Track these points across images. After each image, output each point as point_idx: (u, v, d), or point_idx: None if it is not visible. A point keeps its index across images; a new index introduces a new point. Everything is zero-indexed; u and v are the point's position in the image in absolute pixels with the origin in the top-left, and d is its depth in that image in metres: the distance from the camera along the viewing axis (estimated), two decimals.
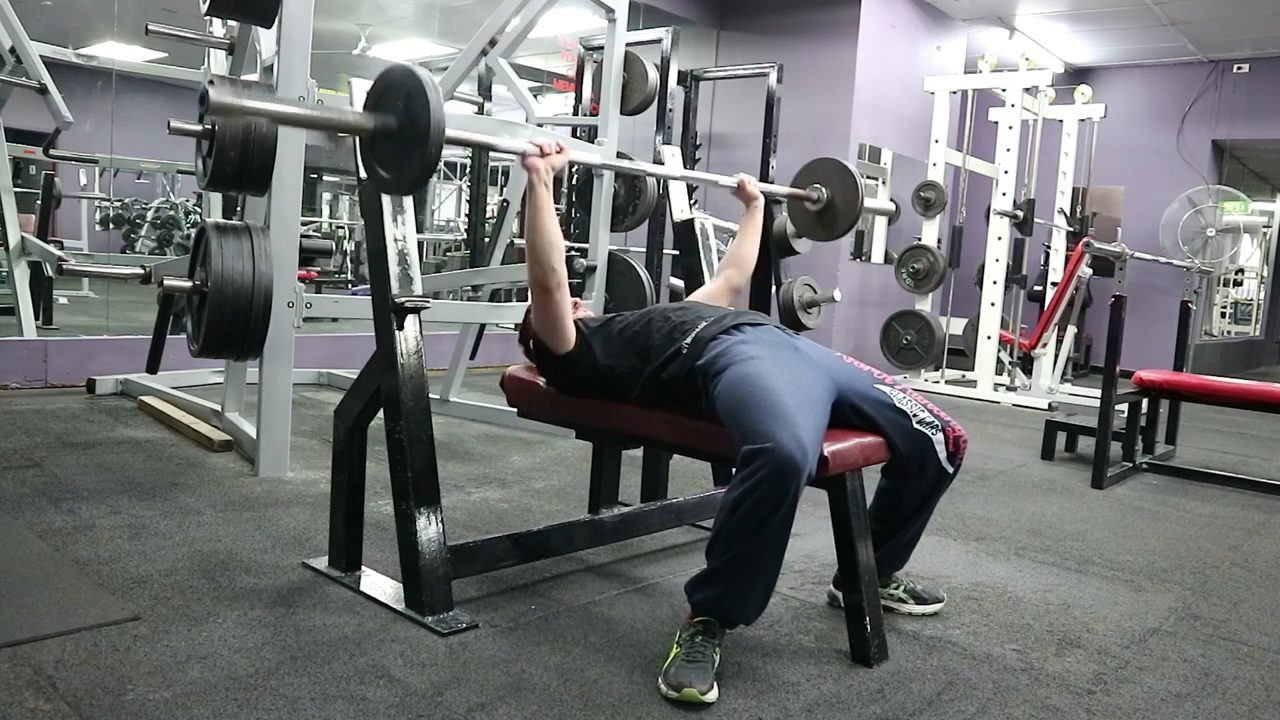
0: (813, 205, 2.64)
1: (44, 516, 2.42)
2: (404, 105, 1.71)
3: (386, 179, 1.79)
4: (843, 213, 2.61)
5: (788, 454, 1.62)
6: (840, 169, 2.62)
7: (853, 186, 2.58)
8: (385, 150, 1.78)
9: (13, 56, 4.38)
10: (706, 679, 1.65)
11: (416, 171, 1.71)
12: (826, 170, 2.64)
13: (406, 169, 1.73)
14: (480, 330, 4.36)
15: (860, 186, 2.58)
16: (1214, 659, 2.02)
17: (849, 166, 2.62)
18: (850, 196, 2.59)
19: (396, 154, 1.75)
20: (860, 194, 2.57)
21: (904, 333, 6.29)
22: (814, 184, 2.64)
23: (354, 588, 2.07)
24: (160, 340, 3.12)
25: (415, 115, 1.69)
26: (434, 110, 1.65)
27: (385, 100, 1.76)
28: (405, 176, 1.74)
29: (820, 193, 2.62)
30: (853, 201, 2.58)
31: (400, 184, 1.78)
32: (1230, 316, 12.45)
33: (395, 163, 1.76)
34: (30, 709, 1.48)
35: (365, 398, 2.10)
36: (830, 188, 2.62)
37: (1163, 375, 4.09)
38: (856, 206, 2.58)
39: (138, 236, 7.97)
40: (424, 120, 1.66)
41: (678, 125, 6.25)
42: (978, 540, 2.83)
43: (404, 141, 1.72)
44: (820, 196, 2.62)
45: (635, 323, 2.08)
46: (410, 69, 1.73)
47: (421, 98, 1.67)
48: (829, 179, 2.63)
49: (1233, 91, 8.49)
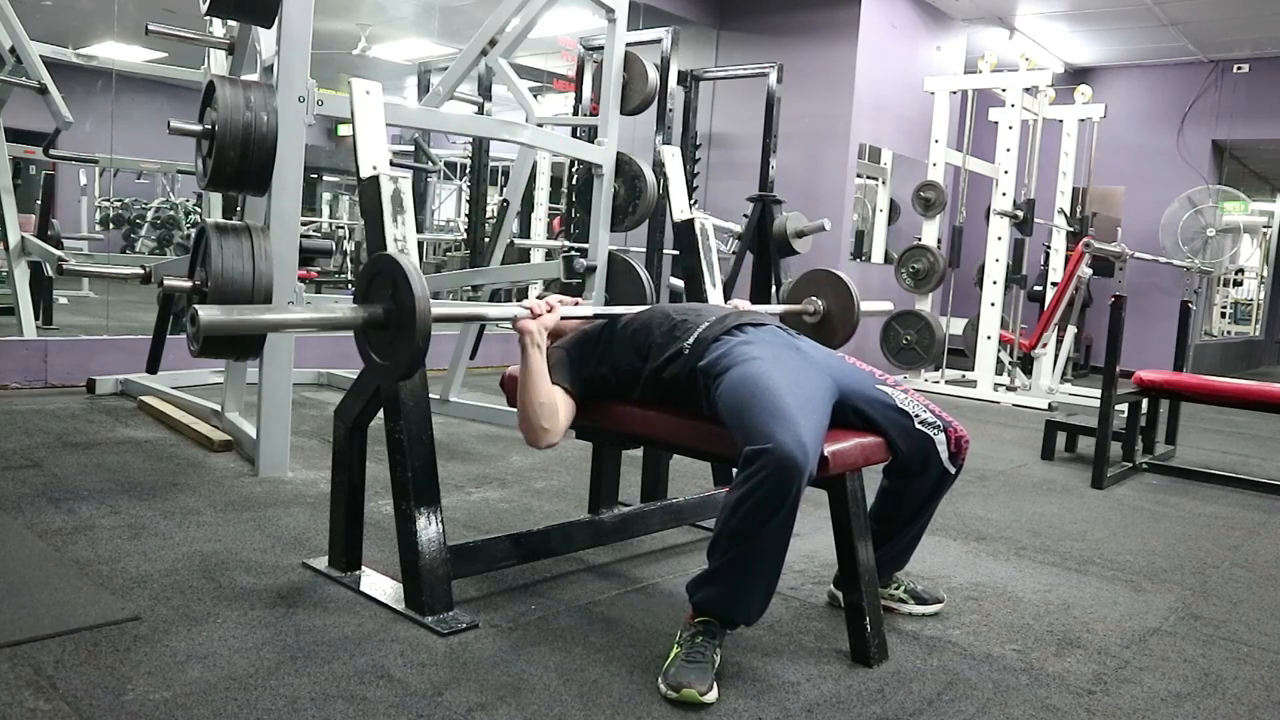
0: (810, 318, 2.69)
1: (44, 516, 2.42)
2: (389, 293, 1.74)
3: (385, 366, 1.81)
4: (840, 323, 2.67)
5: (789, 454, 1.62)
6: (834, 280, 2.68)
7: (847, 296, 2.64)
8: (378, 339, 1.81)
9: (13, 56, 4.38)
10: (706, 679, 1.65)
11: (408, 358, 1.73)
12: (821, 282, 2.70)
13: (400, 355, 1.75)
14: (480, 330, 4.36)
15: (855, 297, 2.63)
16: (1214, 659, 2.02)
17: (843, 277, 2.67)
18: (846, 306, 2.64)
19: (388, 341, 1.78)
20: (856, 304, 2.63)
21: (904, 333, 6.29)
22: (809, 297, 2.70)
23: (354, 588, 2.07)
24: (160, 340, 3.13)
25: (401, 302, 1.72)
26: (418, 294, 1.68)
27: (373, 289, 1.79)
28: (400, 363, 1.76)
29: (816, 305, 2.68)
30: (849, 311, 2.64)
31: (396, 372, 1.79)
32: (1230, 316, 12.45)
33: (389, 350, 1.78)
34: (30, 709, 1.48)
35: (365, 398, 2.10)
36: (826, 299, 2.68)
37: (1163, 375, 4.09)
38: (853, 317, 2.64)
39: (138, 236, 7.97)
40: (409, 305, 1.69)
41: (678, 125, 6.25)
42: (978, 540, 2.83)
43: (394, 329, 1.75)
44: (816, 309, 2.68)
45: (634, 322, 2.08)
46: (392, 257, 1.75)
47: (405, 284, 1.70)
48: (824, 291, 2.69)
49: (1233, 91, 8.49)
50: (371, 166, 2.10)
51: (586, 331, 2.13)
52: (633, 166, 3.86)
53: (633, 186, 4.29)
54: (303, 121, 2.79)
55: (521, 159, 4.63)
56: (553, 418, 1.95)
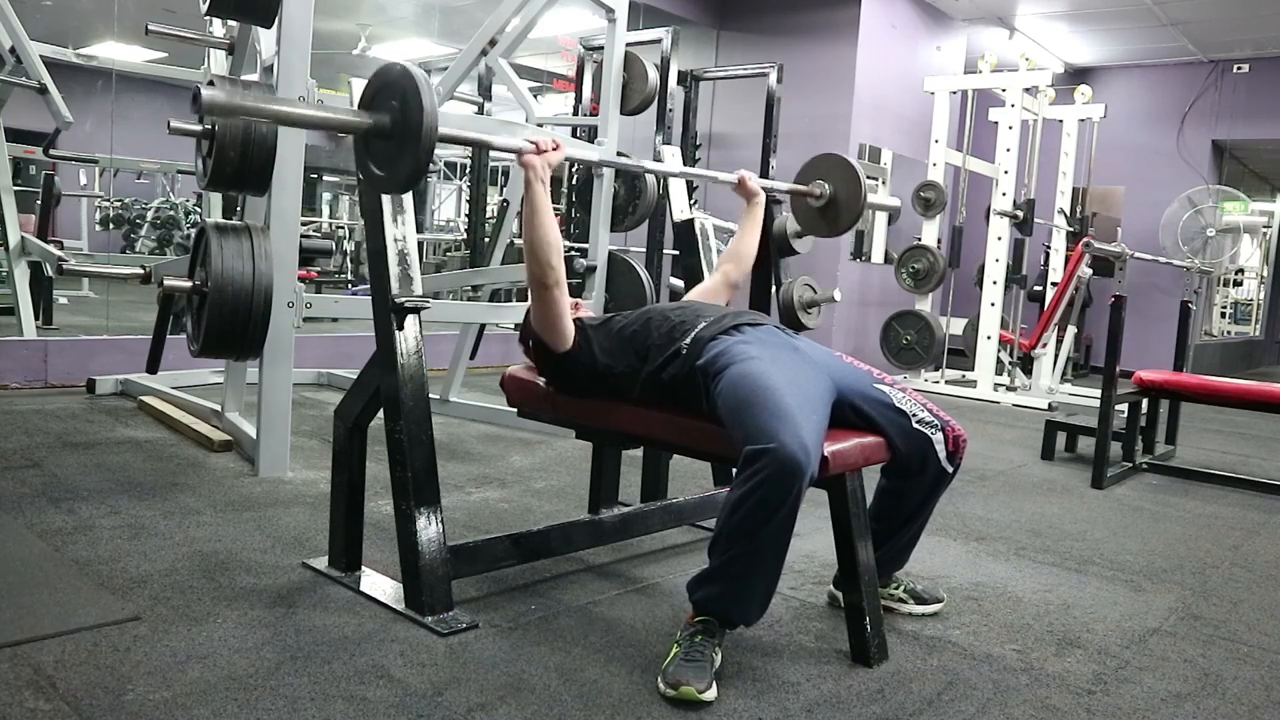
0: (815, 201, 2.63)
1: (44, 516, 2.42)
2: (398, 103, 1.71)
3: (381, 177, 1.79)
4: (846, 207, 2.60)
5: (790, 455, 1.62)
6: (843, 164, 2.62)
7: (855, 181, 2.57)
8: (379, 149, 1.78)
9: (13, 56, 4.38)
10: (704, 678, 1.65)
11: (409, 169, 1.70)
12: (829, 166, 2.64)
13: (400, 167, 1.73)
14: (480, 330, 4.36)
15: (863, 181, 2.57)
16: (1214, 659, 2.02)
17: (851, 161, 2.62)
18: (853, 191, 2.58)
19: (390, 152, 1.75)
20: (863, 188, 2.57)
21: (904, 333, 6.29)
22: (816, 180, 2.64)
23: (354, 588, 2.07)
24: (160, 340, 3.12)
25: (409, 113, 1.68)
26: (427, 108, 1.65)
27: (380, 99, 1.76)
28: (399, 174, 1.74)
29: (823, 188, 2.61)
30: (856, 196, 2.58)
31: (394, 182, 1.78)
32: (1230, 316, 12.45)
33: (389, 161, 1.76)
34: (30, 709, 1.48)
35: (365, 398, 2.10)
36: (833, 183, 2.61)
37: (1163, 375, 4.09)
38: (860, 201, 2.57)
39: (138, 236, 7.97)
40: (417, 118, 1.66)
41: (678, 125, 6.25)
42: (978, 540, 2.83)
43: (397, 140, 1.72)
44: (823, 192, 2.61)
45: (634, 322, 2.08)
46: (404, 67, 1.72)
47: (415, 96, 1.67)
48: (831, 174, 2.62)
49: (1233, 91, 8.49)
50: None
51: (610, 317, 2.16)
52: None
53: (633, 186, 4.29)
54: None
55: None
56: (559, 255, 1.95)
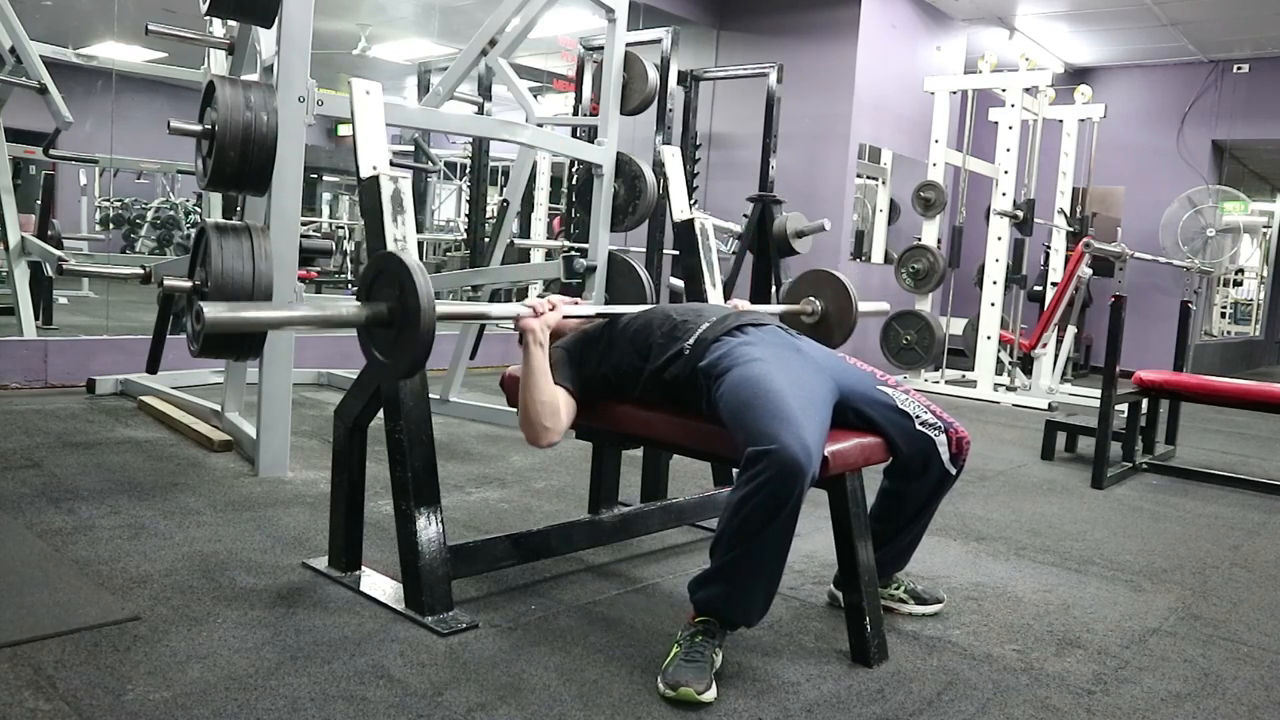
0: (807, 319, 2.69)
1: (44, 516, 2.42)
2: (394, 291, 1.73)
3: (386, 364, 1.80)
4: (837, 324, 2.67)
5: (792, 456, 1.62)
6: (833, 280, 2.68)
7: (846, 297, 2.64)
8: (381, 337, 1.80)
9: (13, 56, 4.38)
10: (704, 678, 1.65)
11: (411, 356, 1.72)
12: (819, 282, 2.70)
13: (402, 354, 1.74)
14: (480, 330, 4.36)
15: (854, 297, 2.63)
16: (1214, 659, 2.02)
17: (841, 278, 2.67)
18: (844, 307, 2.64)
19: (391, 339, 1.77)
20: (854, 305, 2.63)
21: (904, 333, 6.29)
22: (808, 297, 2.70)
23: (354, 588, 2.07)
24: (160, 340, 3.12)
25: (406, 302, 1.71)
26: (423, 296, 1.67)
27: (378, 287, 1.78)
28: (402, 361, 1.75)
29: (814, 305, 2.68)
30: (847, 312, 2.64)
31: (399, 370, 1.79)
32: (1230, 316, 12.45)
33: (391, 348, 1.77)
34: (30, 709, 1.48)
35: (365, 398, 2.10)
36: (824, 299, 2.68)
37: (1163, 375, 4.09)
38: (851, 317, 2.64)
39: (138, 236, 7.97)
40: (414, 306, 1.68)
41: (678, 125, 6.25)
42: (978, 540, 2.83)
43: (397, 327, 1.74)
44: (814, 309, 2.68)
45: (635, 322, 2.08)
46: (397, 255, 1.75)
47: (410, 284, 1.69)
48: (822, 291, 2.69)
49: (1233, 91, 8.49)
50: (371, 166, 2.10)
51: (587, 331, 2.13)
52: (633, 166, 3.86)
53: (633, 186, 4.29)
54: (303, 121, 2.79)
55: (521, 159, 4.63)
56: (554, 416, 1.95)
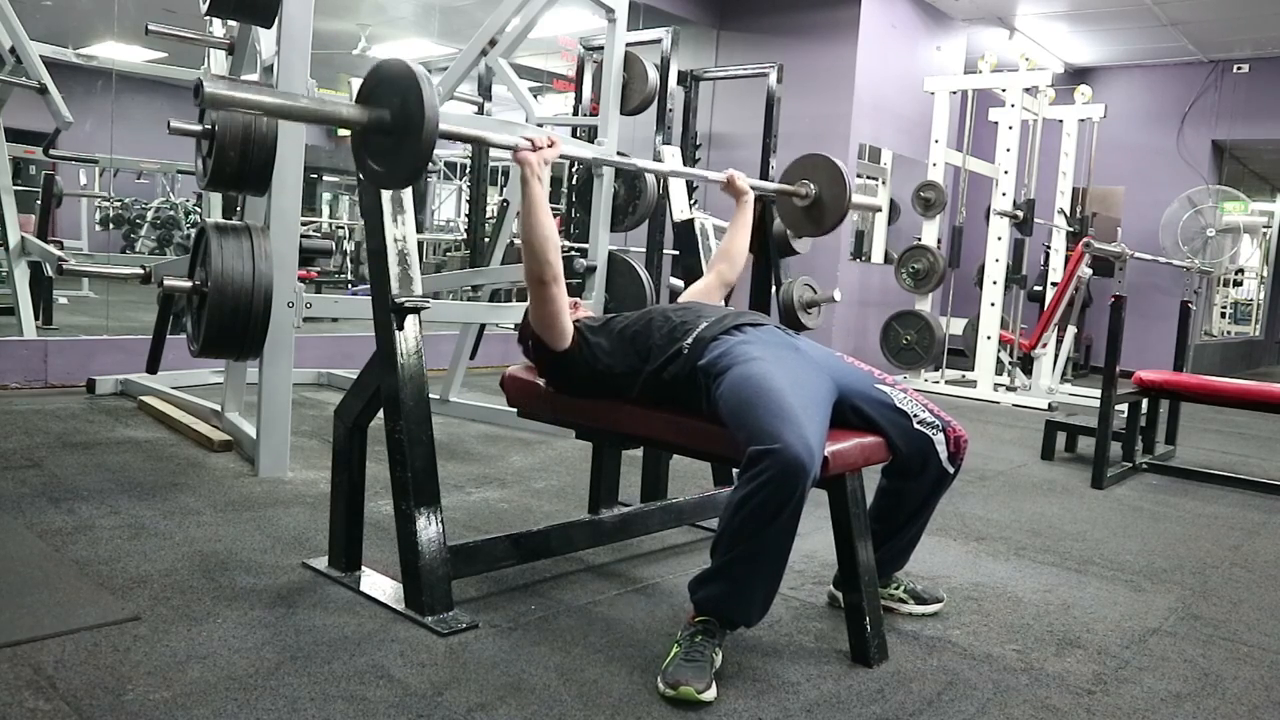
0: (801, 200, 2.64)
1: (44, 516, 2.42)
2: (398, 98, 1.70)
3: (380, 172, 1.77)
4: (830, 208, 2.61)
5: (794, 455, 1.62)
6: (828, 164, 2.63)
7: (840, 181, 2.59)
8: (378, 144, 1.76)
9: (13, 56, 4.38)
10: (704, 678, 1.65)
11: (410, 165, 1.69)
12: (814, 166, 2.65)
13: (400, 162, 1.71)
14: (480, 330, 4.36)
15: (848, 181, 2.59)
16: (1214, 659, 2.02)
17: (836, 162, 2.63)
18: (838, 192, 2.59)
19: (390, 147, 1.74)
20: (848, 188, 2.58)
21: (904, 333, 6.28)
22: (802, 179, 2.65)
23: (354, 588, 2.07)
24: (160, 340, 3.12)
25: (409, 108, 1.67)
26: (428, 102, 1.64)
27: (379, 94, 1.74)
28: (398, 170, 1.73)
29: (808, 188, 2.63)
30: (840, 196, 2.59)
31: (394, 178, 1.76)
32: (1230, 316, 12.45)
33: (388, 156, 1.74)
34: (30, 709, 1.48)
35: (365, 398, 2.10)
36: (818, 183, 2.62)
37: (1163, 375, 4.09)
38: (845, 200, 2.58)
39: (138, 236, 7.97)
40: (418, 112, 1.65)
41: (678, 125, 6.24)
42: (978, 540, 2.83)
43: (397, 134, 1.71)
44: (808, 192, 2.63)
45: (635, 322, 2.08)
46: (404, 62, 1.71)
47: (415, 90, 1.65)
48: (817, 174, 2.64)
49: (1233, 91, 8.49)
50: None
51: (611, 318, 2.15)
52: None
53: (633, 186, 4.29)
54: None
55: None
56: (556, 251, 1.95)
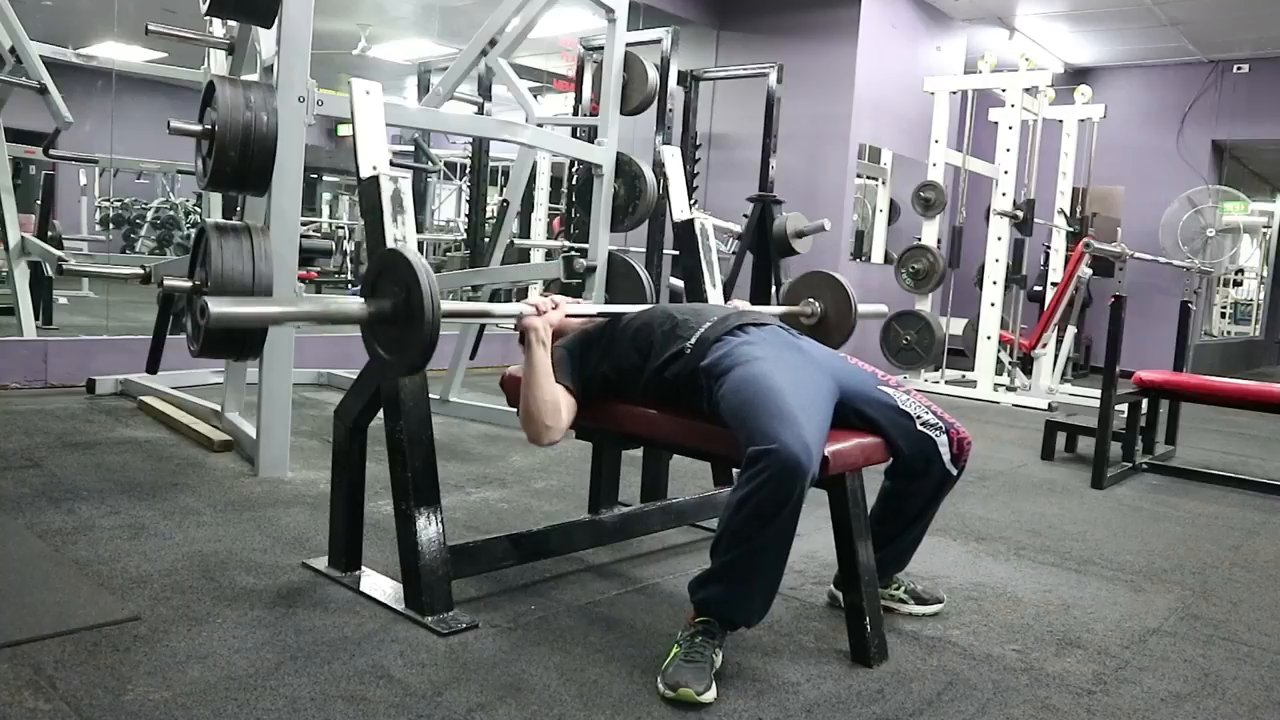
0: (806, 320, 2.69)
1: (44, 516, 2.42)
2: (399, 289, 1.72)
3: (389, 360, 1.80)
4: (836, 325, 2.66)
5: (792, 455, 1.62)
6: (832, 283, 2.67)
7: (845, 299, 2.64)
8: (385, 334, 1.79)
9: (13, 56, 4.37)
10: (703, 679, 1.65)
11: (416, 352, 1.71)
12: (818, 284, 2.70)
13: (406, 350, 1.73)
14: (480, 330, 4.36)
15: (853, 299, 2.63)
16: (1214, 659, 2.02)
17: (840, 279, 2.67)
18: (843, 310, 2.64)
19: (395, 336, 1.76)
20: (853, 307, 2.63)
21: (904, 333, 6.28)
22: (806, 299, 2.70)
23: (354, 588, 2.07)
24: (160, 340, 3.13)
25: (410, 298, 1.69)
26: (426, 291, 1.66)
27: (381, 285, 1.77)
28: (406, 357, 1.75)
29: (813, 306, 2.68)
30: (846, 314, 2.64)
31: (402, 366, 1.78)
32: (1230, 317, 12.45)
33: (395, 344, 1.77)
34: (30, 709, 1.48)
35: (365, 398, 2.10)
36: (823, 301, 2.68)
37: (1163, 375, 4.09)
38: (850, 319, 2.64)
39: (138, 236, 7.97)
40: (419, 301, 1.67)
41: (678, 125, 6.25)
42: (978, 540, 2.83)
43: (401, 324, 1.73)
44: (814, 310, 2.68)
45: (636, 319, 2.08)
46: (402, 251, 1.74)
47: (414, 280, 1.68)
48: (822, 293, 2.69)
49: (1233, 91, 8.49)
50: (371, 166, 2.10)
51: (588, 331, 2.13)
52: (633, 166, 3.86)
53: (633, 186, 4.29)
54: (303, 121, 2.79)
55: (521, 159, 4.63)
56: (555, 415, 1.95)
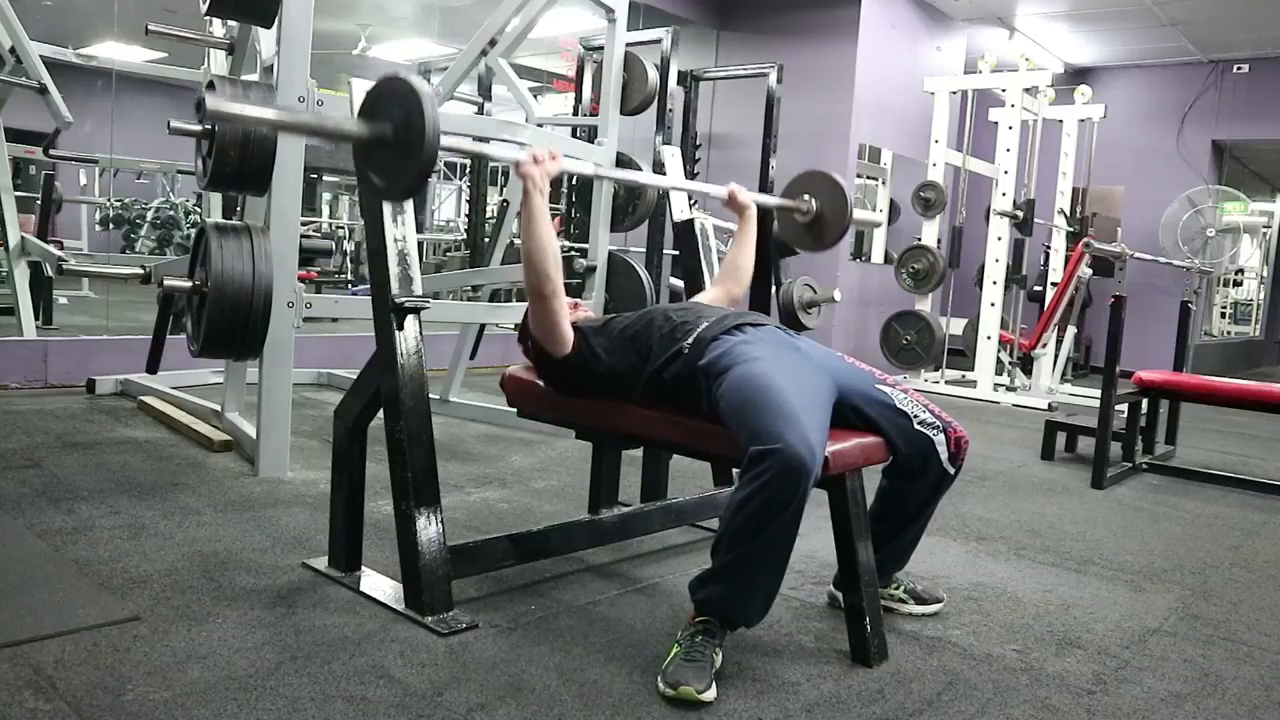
0: (802, 216, 2.66)
1: (44, 516, 2.42)
2: (400, 113, 1.69)
3: (381, 187, 1.78)
4: (831, 224, 2.63)
5: (796, 455, 1.62)
6: (829, 181, 2.64)
7: (842, 198, 2.61)
8: (380, 158, 1.76)
9: (13, 56, 4.37)
10: (704, 678, 1.65)
11: (412, 178, 1.69)
12: (816, 181, 2.67)
13: (401, 176, 1.72)
14: (480, 330, 4.36)
15: (849, 198, 2.61)
16: (1214, 659, 2.02)
17: (838, 178, 2.64)
18: (839, 208, 2.61)
19: (391, 161, 1.74)
20: (849, 205, 2.60)
21: (904, 333, 6.29)
22: (803, 195, 2.66)
23: (354, 588, 2.07)
24: (160, 340, 3.12)
25: (411, 122, 1.67)
26: (429, 118, 1.64)
27: (380, 108, 1.74)
28: (400, 184, 1.73)
29: (810, 204, 2.64)
30: (841, 213, 2.61)
31: (394, 191, 1.76)
32: (1230, 317, 12.45)
33: (390, 170, 1.75)
34: (30, 709, 1.48)
35: (365, 398, 2.10)
36: (819, 199, 2.64)
37: (1163, 375, 4.09)
38: (846, 218, 2.60)
39: (138, 236, 7.97)
40: (419, 126, 1.64)
41: (678, 125, 6.24)
42: (978, 540, 2.83)
43: (399, 149, 1.71)
44: (810, 208, 2.64)
45: (635, 322, 2.08)
46: (405, 76, 1.71)
47: (417, 106, 1.65)
48: (818, 190, 2.65)
49: (1233, 91, 8.49)
50: None
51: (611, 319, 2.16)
52: (633, 166, 3.86)
53: (633, 187, 4.28)
54: None
55: None
56: (556, 265, 1.95)
